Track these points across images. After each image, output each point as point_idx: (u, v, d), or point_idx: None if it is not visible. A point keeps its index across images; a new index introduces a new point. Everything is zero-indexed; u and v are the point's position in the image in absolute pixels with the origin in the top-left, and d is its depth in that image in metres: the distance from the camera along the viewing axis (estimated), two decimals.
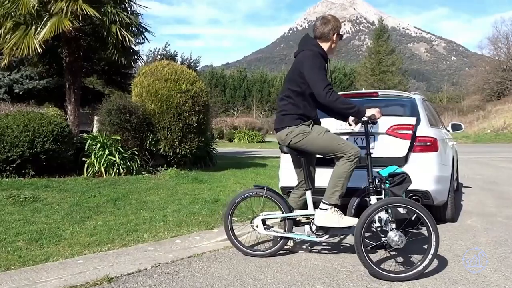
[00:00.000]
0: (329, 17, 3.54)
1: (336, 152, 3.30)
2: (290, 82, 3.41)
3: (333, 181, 3.33)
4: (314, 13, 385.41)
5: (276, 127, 3.51)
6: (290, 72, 3.46)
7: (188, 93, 8.24)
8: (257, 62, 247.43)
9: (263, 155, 15.52)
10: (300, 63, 3.33)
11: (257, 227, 3.57)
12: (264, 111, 63.19)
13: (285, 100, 3.44)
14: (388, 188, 3.25)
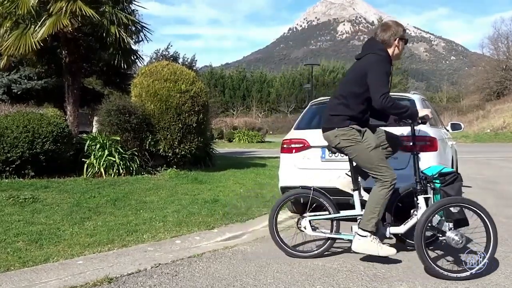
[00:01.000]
0: (390, 23, 3.50)
1: (374, 172, 3.31)
2: (349, 83, 3.39)
3: (369, 208, 3.31)
4: (313, 13, 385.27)
5: (324, 126, 3.51)
6: (351, 73, 3.46)
7: (188, 94, 8.24)
8: (257, 62, 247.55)
9: (263, 155, 15.52)
10: (366, 66, 3.29)
11: (305, 228, 3.52)
12: (263, 111, 63.20)
13: (337, 100, 3.42)
14: (440, 187, 3.25)
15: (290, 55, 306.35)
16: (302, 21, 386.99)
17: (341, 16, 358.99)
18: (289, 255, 3.55)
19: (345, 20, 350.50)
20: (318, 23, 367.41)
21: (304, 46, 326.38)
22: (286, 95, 68.42)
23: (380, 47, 3.38)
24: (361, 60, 3.43)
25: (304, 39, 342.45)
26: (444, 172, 3.29)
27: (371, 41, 3.50)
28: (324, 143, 4.61)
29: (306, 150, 4.76)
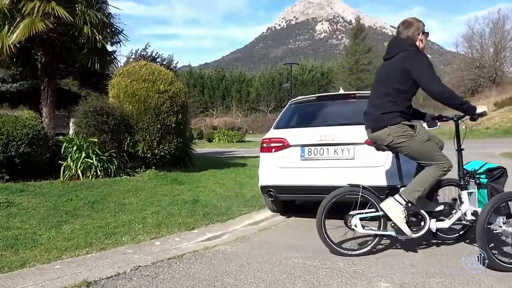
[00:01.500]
0: (411, 19, 3.58)
1: (432, 161, 3.37)
2: (391, 81, 3.41)
3: (418, 181, 3.38)
4: (292, 12, 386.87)
5: (372, 126, 3.49)
6: (387, 72, 3.49)
7: (166, 94, 8.17)
8: (236, 62, 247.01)
9: (243, 155, 15.52)
10: (404, 64, 3.33)
11: (356, 226, 3.49)
12: (243, 110, 63.22)
13: (383, 98, 3.42)
14: (487, 183, 3.34)
15: (269, 55, 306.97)
16: (281, 21, 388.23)
17: (319, 15, 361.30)
18: (335, 253, 3.52)
19: (323, 19, 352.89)
20: (296, 22, 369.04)
21: (283, 46, 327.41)
22: (265, 94, 68.58)
23: (408, 43, 3.46)
24: (393, 59, 3.48)
25: (283, 39, 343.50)
26: (491, 167, 3.41)
27: (397, 40, 3.57)
28: (303, 142, 4.68)
29: (286, 149, 4.78)
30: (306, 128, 4.88)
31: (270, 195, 4.88)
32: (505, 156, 13.02)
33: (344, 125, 4.75)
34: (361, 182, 4.37)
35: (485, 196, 3.40)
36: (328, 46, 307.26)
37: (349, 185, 3.70)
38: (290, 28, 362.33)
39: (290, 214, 5.27)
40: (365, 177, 4.39)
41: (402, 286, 2.81)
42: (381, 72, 3.61)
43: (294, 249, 3.75)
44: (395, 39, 3.62)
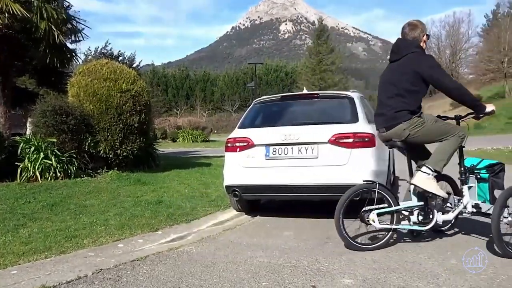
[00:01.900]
0: (415, 22, 3.77)
1: (449, 133, 3.56)
2: (402, 83, 3.57)
3: (441, 150, 3.56)
4: (256, 12, 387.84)
5: (386, 125, 3.64)
6: (396, 74, 3.64)
7: (129, 93, 8.01)
8: (200, 61, 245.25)
9: (208, 155, 15.43)
10: (414, 66, 3.52)
11: (373, 221, 3.56)
12: (207, 110, 62.85)
13: (395, 98, 3.59)
14: (489, 177, 3.57)
15: (234, 54, 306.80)
16: (245, 20, 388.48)
17: (283, 15, 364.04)
18: (353, 249, 3.59)
19: (287, 19, 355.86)
20: (261, 22, 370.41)
21: (247, 45, 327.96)
22: (230, 94, 68.48)
23: (415, 44, 3.65)
24: (401, 61, 3.65)
25: (247, 38, 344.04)
26: (492, 163, 3.63)
27: (404, 42, 3.73)
28: (268, 141, 4.71)
29: (251, 149, 4.79)
30: (271, 128, 4.91)
31: (235, 195, 4.88)
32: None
33: (308, 124, 4.82)
34: (325, 181, 4.46)
35: (486, 189, 3.61)
36: (292, 46, 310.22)
37: (365, 181, 3.81)
38: (255, 28, 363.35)
39: (255, 213, 5.29)
40: (329, 176, 4.47)
41: (365, 281, 2.88)
42: (389, 73, 3.76)
43: (259, 248, 3.76)
44: (401, 41, 3.77)
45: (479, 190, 3.67)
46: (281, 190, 4.75)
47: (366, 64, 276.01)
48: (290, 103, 5.63)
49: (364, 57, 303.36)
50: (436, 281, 2.86)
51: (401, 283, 2.83)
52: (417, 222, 3.63)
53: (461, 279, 2.88)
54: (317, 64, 51.67)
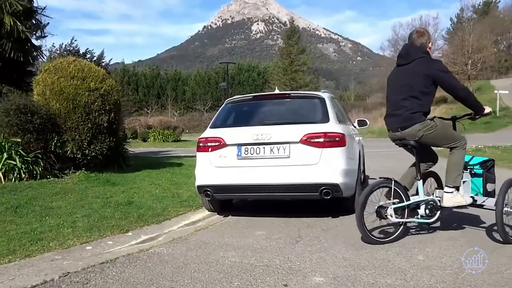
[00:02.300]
0: (422, 30, 4.20)
1: (453, 142, 3.85)
2: (415, 85, 3.78)
3: (454, 168, 3.82)
4: (228, 11, 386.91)
5: (402, 125, 3.85)
6: (410, 76, 3.82)
7: (97, 92, 7.83)
8: (171, 60, 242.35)
9: (179, 155, 15.28)
10: (426, 70, 3.76)
11: (391, 215, 3.73)
12: (179, 109, 62.17)
13: (409, 100, 3.80)
14: (483, 172, 3.91)
15: (206, 53, 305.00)
16: (217, 19, 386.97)
17: (255, 15, 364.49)
18: (371, 242, 3.72)
19: (259, 19, 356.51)
20: (232, 21, 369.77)
21: (219, 45, 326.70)
22: (202, 93, 68.02)
23: (423, 50, 3.90)
24: (411, 65, 3.85)
25: (219, 38, 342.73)
26: (484, 160, 3.98)
27: (412, 47, 3.96)
28: (240, 141, 4.70)
29: (222, 149, 4.77)
30: (243, 128, 4.90)
31: (207, 195, 4.85)
32: None
33: (280, 124, 4.84)
34: (297, 180, 4.49)
35: (480, 184, 3.93)
36: (264, 46, 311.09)
37: (381, 178, 3.92)
38: (227, 27, 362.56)
39: (228, 213, 5.27)
40: (300, 175, 4.50)
41: (336, 279, 2.91)
42: (400, 76, 3.94)
43: (231, 248, 3.75)
44: (409, 46, 4.00)
45: (473, 185, 3.95)
46: (253, 190, 4.75)
47: (336, 65, 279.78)
48: (262, 103, 5.64)
49: (335, 58, 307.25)
50: (404, 277, 2.92)
51: (371, 280, 2.87)
52: (424, 216, 3.88)
53: (427, 275, 2.95)
54: (289, 65, 52.03)
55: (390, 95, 4.01)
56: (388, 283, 2.81)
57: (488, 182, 3.92)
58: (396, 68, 4.05)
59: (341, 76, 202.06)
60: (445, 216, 4.15)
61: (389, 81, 4.08)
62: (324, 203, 4.77)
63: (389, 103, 4.01)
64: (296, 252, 3.59)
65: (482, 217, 4.62)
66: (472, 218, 4.62)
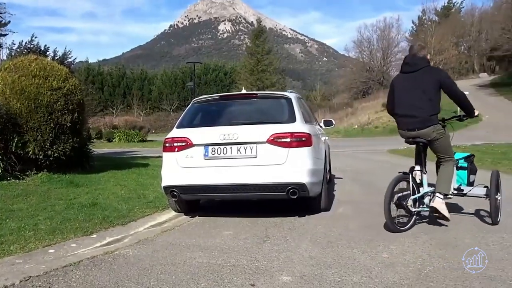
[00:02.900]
0: (422, 44, 5.10)
1: (449, 155, 4.35)
2: (429, 90, 4.20)
3: (446, 178, 4.30)
4: (195, 11, 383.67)
5: (419, 125, 4.20)
6: (422, 82, 4.23)
7: (60, 91, 7.62)
8: (137, 59, 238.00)
9: (145, 155, 15.07)
10: (436, 77, 4.22)
11: (411, 206, 4.16)
12: (145, 109, 61.26)
13: (426, 102, 4.19)
14: (468, 165, 4.56)
15: (172, 53, 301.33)
16: (184, 19, 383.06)
17: (222, 15, 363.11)
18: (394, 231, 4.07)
19: (226, 19, 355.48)
20: (199, 21, 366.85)
21: (186, 44, 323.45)
22: (168, 93, 67.27)
23: (427, 60, 4.40)
24: (419, 72, 4.27)
25: (186, 37, 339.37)
26: (466, 155, 4.66)
27: (418, 58, 4.39)
28: (207, 141, 4.69)
29: (189, 149, 4.74)
30: (210, 127, 4.89)
31: (174, 195, 4.80)
32: (391, 153, 14.25)
33: (247, 124, 4.85)
34: (264, 180, 4.52)
35: (464, 175, 4.55)
36: (231, 46, 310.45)
37: (400, 172, 4.28)
38: (193, 27, 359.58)
39: (195, 214, 5.25)
40: (267, 175, 4.53)
41: (302, 278, 2.95)
42: (411, 81, 4.31)
43: (198, 249, 3.73)
44: (415, 57, 4.40)
45: (458, 177, 4.54)
46: (220, 190, 4.74)
47: (303, 65, 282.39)
48: (229, 103, 5.64)
49: (302, 58, 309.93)
50: (369, 274, 3.00)
51: (337, 278, 2.93)
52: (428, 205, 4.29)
53: (392, 272, 3.03)
54: (255, 65, 52.19)
55: (402, 98, 4.36)
56: (354, 281, 2.88)
57: (471, 174, 4.59)
58: (403, 75, 4.44)
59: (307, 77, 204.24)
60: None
61: (397, 85, 4.44)
62: (291, 202, 4.83)
63: (402, 105, 4.34)
64: (263, 251, 3.61)
65: None
66: (432, 216, 4.79)
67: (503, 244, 3.67)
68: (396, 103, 4.41)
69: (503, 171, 8.63)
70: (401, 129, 4.43)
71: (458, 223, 4.46)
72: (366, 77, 53.23)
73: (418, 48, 4.50)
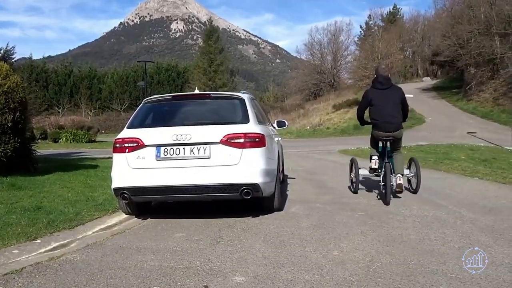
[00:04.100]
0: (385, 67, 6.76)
1: (400, 147, 6.10)
2: (397, 103, 5.89)
3: (401, 163, 5.99)
4: (146, 8, 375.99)
5: (396, 129, 5.80)
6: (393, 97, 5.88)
7: (0, 89, 7.23)
8: (85, 57, 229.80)
9: (94, 156, 14.58)
10: (400, 94, 5.97)
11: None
12: (94, 109, 59.21)
13: (399, 112, 5.91)
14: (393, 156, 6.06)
15: (122, 51, 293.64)
16: (134, 16, 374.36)
17: (174, 14, 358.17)
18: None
19: (178, 18, 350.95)
20: (151, 19, 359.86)
21: (137, 42, 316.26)
22: (119, 92, 65.39)
23: (391, 80, 6.30)
24: (390, 89, 5.93)
25: (137, 35, 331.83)
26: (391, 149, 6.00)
27: (387, 78, 6.21)
28: (159, 141, 4.62)
29: (141, 150, 4.63)
30: (162, 128, 4.80)
31: (124, 197, 4.67)
32: (342, 153, 14.61)
33: (200, 124, 4.81)
34: (218, 181, 4.49)
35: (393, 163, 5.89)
36: (183, 46, 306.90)
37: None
38: (144, 25, 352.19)
39: (146, 216, 5.13)
40: (221, 176, 4.51)
41: (256, 277, 2.95)
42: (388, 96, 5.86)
43: (150, 252, 3.65)
44: (385, 77, 6.13)
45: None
46: (173, 192, 4.67)
47: (256, 67, 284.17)
48: (182, 103, 5.57)
49: (255, 60, 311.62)
50: (320, 272, 3.05)
51: (290, 277, 2.96)
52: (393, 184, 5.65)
53: (342, 269, 3.11)
54: (208, 65, 51.94)
55: (381, 109, 5.80)
56: (306, 279, 2.92)
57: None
58: (377, 90, 5.91)
59: (261, 78, 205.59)
60: (360, 215, 4.39)
61: (377, 99, 5.85)
62: (245, 203, 4.83)
63: (382, 114, 5.78)
64: (217, 252, 3.59)
65: (390, 214, 4.98)
66: (381, 215, 4.95)
67: (445, 239, 3.85)
68: (376, 113, 5.84)
69: (445, 170, 9.09)
70: (379, 131, 5.83)
71: (403, 220, 4.64)
72: (317, 79, 54.24)
73: (385, 69, 6.38)
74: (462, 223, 4.47)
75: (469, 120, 25.85)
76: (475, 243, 3.72)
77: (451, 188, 6.86)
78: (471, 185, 7.20)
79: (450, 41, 33.29)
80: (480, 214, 4.89)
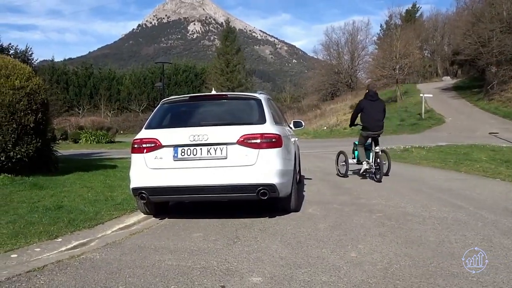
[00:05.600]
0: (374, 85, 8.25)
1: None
2: (381, 112, 8.10)
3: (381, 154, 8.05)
4: (163, 10, 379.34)
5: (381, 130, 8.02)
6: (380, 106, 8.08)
7: (23, 90, 7.38)
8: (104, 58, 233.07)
9: (113, 156, 14.78)
10: (384, 104, 8.23)
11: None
12: (113, 110, 60.06)
13: (383, 118, 8.13)
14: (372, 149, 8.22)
15: (141, 52, 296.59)
16: (152, 18, 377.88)
17: (191, 15, 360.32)
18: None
19: (195, 19, 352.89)
20: (168, 21, 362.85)
21: (155, 44, 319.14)
22: (137, 93, 66.20)
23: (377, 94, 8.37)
24: (378, 101, 8.09)
25: (155, 37, 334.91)
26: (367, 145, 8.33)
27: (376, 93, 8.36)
28: (176, 142, 4.66)
29: (158, 150, 4.68)
30: (179, 128, 4.84)
31: (142, 197, 4.72)
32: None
33: (217, 125, 4.83)
34: (234, 181, 4.51)
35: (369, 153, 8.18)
36: (201, 47, 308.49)
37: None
38: (162, 27, 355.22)
39: (164, 216, 5.18)
40: (237, 176, 4.52)
41: (273, 278, 2.96)
42: (376, 107, 8.00)
43: (167, 251, 3.69)
44: (375, 92, 8.34)
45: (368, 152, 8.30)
46: (190, 192, 4.70)
47: (273, 67, 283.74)
48: (199, 104, 5.61)
49: (272, 60, 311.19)
50: (338, 273, 3.03)
51: (307, 278, 2.95)
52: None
53: (360, 271, 3.08)
54: (225, 65, 52.12)
55: (372, 115, 7.93)
56: (323, 281, 2.91)
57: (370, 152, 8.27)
58: (369, 101, 8.01)
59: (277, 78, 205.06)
60: (378, 217, 4.35)
61: (369, 108, 7.96)
62: (262, 203, 4.83)
63: (372, 118, 7.92)
64: (234, 253, 3.60)
65: (408, 216, 4.92)
66: (399, 216, 4.90)
67: (466, 242, 3.79)
68: (367, 118, 7.97)
69: (465, 171, 8.94)
70: (370, 131, 8.00)
71: (422, 222, 4.58)
72: (334, 80, 53.96)
73: (372, 86, 9.00)
74: (483, 225, 4.39)
75: (490, 120, 25.33)
76: (497, 246, 3.66)
77: (472, 189, 6.74)
78: (493, 186, 7.07)
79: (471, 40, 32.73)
80: (502, 216, 4.80)
